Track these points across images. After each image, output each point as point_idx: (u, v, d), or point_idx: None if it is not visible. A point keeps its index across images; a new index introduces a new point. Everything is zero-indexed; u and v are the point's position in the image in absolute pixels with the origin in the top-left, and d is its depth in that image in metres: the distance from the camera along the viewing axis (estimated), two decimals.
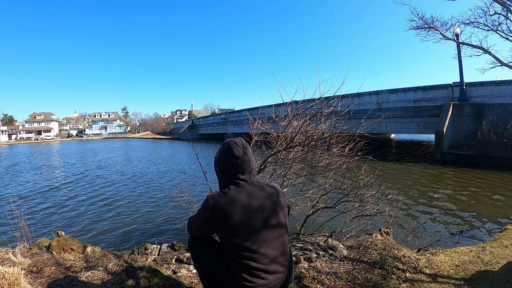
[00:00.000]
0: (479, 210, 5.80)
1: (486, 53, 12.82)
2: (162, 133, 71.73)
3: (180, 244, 3.12)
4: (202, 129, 48.79)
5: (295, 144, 3.12)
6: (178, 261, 2.52)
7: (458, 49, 13.65)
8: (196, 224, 1.43)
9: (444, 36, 13.78)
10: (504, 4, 11.75)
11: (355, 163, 3.52)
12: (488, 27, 12.72)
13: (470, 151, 11.84)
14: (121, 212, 6.97)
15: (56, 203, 8.08)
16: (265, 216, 1.33)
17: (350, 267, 2.37)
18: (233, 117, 37.50)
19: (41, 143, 60.95)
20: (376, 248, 2.76)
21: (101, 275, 2.16)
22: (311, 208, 3.58)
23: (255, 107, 20.33)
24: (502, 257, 2.56)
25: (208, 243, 1.53)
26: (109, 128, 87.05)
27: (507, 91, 12.94)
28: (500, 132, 11.58)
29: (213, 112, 75.63)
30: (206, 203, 1.33)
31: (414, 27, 14.32)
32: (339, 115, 3.25)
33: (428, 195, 7.24)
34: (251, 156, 1.40)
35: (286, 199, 1.50)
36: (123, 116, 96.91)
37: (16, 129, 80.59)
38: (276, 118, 3.47)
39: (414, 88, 16.15)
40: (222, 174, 1.41)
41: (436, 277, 2.18)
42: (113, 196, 8.74)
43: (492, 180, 8.49)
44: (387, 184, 5.76)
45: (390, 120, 16.43)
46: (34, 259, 2.40)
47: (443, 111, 12.87)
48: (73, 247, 2.79)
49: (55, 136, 79.70)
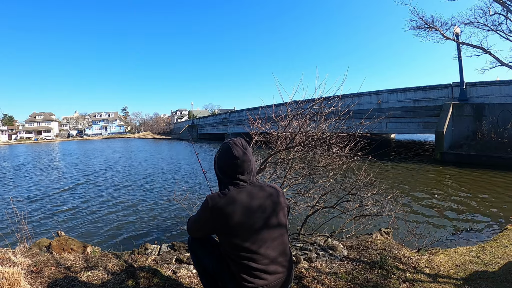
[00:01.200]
0: (479, 210, 5.80)
1: (486, 53, 12.82)
2: (162, 133, 71.71)
3: (180, 244, 3.12)
4: (202, 129, 48.77)
5: (295, 144, 3.11)
6: (178, 261, 2.52)
7: (458, 49, 13.67)
8: (196, 225, 1.43)
9: (444, 36, 13.78)
10: (504, 4, 11.75)
11: (355, 163, 3.52)
12: (488, 27, 12.73)
13: (470, 151, 11.85)
14: (121, 212, 6.97)
15: (56, 203, 8.08)
16: (265, 216, 1.33)
17: (350, 267, 2.37)
18: (233, 117, 37.50)
19: (41, 143, 60.95)
20: (376, 248, 2.76)
21: (101, 275, 2.16)
22: (311, 208, 3.58)
23: (255, 107, 20.32)
24: (502, 257, 2.56)
25: (208, 243, 1.53)
26: (109, 128, 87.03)
27: (507, 91, 12.95)
28: (500, 132, 11.59)
29: (213, 112, 75.59)
30: (206, 204, 1.33)
31: (414, 27, 14.35)
32: (339, 115, 3.25)
33: (428, 195, 7.23)
34: (250, 157, 1.39)
35: (286, 199, 1.50)
36: (123, 116, 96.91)
37: (16, 129, 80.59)
38: (276, 118, 3.47)
39: (414, 88, 16.16)
40: (222, 175, 1.40)
41: (436, 277, 2.18)
42: (113, 196, 8.74)
43: (492, 180, 8.49)
44: (387, 184, 5.77)
45: (390, 120, 16.43)
46: (34, 259, 2.40)
47: (443, 111, 12.87)
48: (73, 247, 2.79)
49: (55, 136, 79.68)
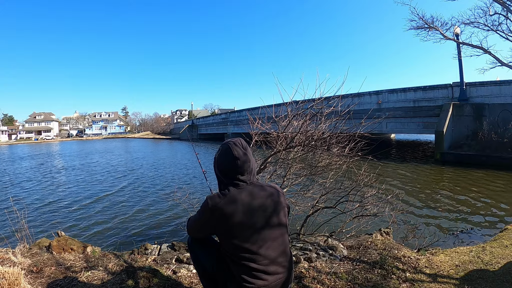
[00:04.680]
0: (479, 210, 5.80)
1: (486, 53, 12.82)
2: (162, 133, 71.68)
3: (180, 244, 3.12)
4: (202, 129, 48.75)
5: (295, 144, 3.11)
6: (178, 261, 2.52)
7: (458, 49, 13.67)
8: (196, 225, 1.43)
9: (444, 36, 13.78)
10: (504, 4, 11.75)
11: (355, 163, 3.52)
12: (488, 27, 12.73)
13: (470, 151, 11.84)
14: (121, 212, 6.97)
15: (56, 203, 8.08)
16: (266, 215, 1.33)
17: (350, 267, 2.37)
18: (233, 117, 37.49)
19: (41, 143, 60.95)
20: (376, 248, 2.76)
21: (101, 275, 2.16)
22: (311, 208, 3.58)
23: (255, 107, 20.34)
24: (502, 257, 2.56)
25: (208, 243, 1.53)
26: (109, 128, 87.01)
27: (507, 91, 12.95)
28: (501, 132, 11.58)
29: (213, 112, 75.55)
30: (206, 205, 1.32)
31: (414, 27, 14.35)
32: (339, 115, 3.24)
33: (428, 195, 7.24)
34: (250, 157, 1.39)
35: (286, 199, 1.50)
36: (123, 116, 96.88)
37: (16, 129, 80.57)
38: (276, 118, 3.47)
39: (414, 88, 16.16)
40: (222, 175, 1.39)
41: (436, 277, 2.18)
42: (113, 196, 8.74)
43: (492, 180, 8.49)
44: (387, 184, 5.78)
45: (390, 120, 16.42)
46: (34, 259, 2.40)
47: (443, 111, 12.87)
48: (73, 247, 2.79)
49: (55, 136, 79.67)
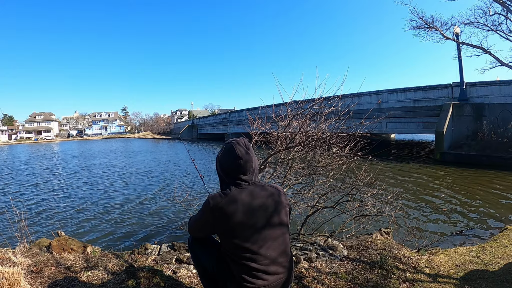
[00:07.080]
0: (479, 210, 5.80)
1: (486, 53, 12.82)
2: (162, 133, 71.63)
3: (180, 244, 3.12)
4: (202, 129, 48.77)
5: (295, 144, 3.11)
6: (178, 261, 2.52)
7: (458, 49, 13.66)
8: (197, 225, 1.43)
9: (444, 36, 13.78)
10: (504, 4, 11.75)
11: (355, 163, 3.52)
12: (488, 27, 12.73)
13: (470, 151, 11.84)
14: (121, 212, 6.96)
15: (56, 203, 8.07)
16: (267, 215, 1.33)
17: (350, 267, 2.37)
18: (233, 117, 37.50)
19: (41, 143, 60.92)
20: (376, 248, 2.76)
21: (101, 275, 2.16)
22: (311, 208, 3.58)
23: (255, 107, 20.30)
24: (502, 257, 2.56)
25: (208, 243, 1.53)
26: (109, 128, 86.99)
27: (507, 91, 12.94)
28: (501, 132, 11.59)
29: (213, 112, 75.52)
30: (207, 204, 1.32)
31: (414, 27, 14.34)
32: (339, 115, 3.25)
33: (428, 195, 7.23)
34: (253, 157, 1.38)
35: (287, 199, 1.49)
36: (123, 116, 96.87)
37: (16, 129, 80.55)
38: (276, 118, 3.46)
39: (414, 88, 16.16)
40: (224, 175, 1.39)
41: (436, 277, 2.18)
42: (113, 196, 8.73)
43: (492, 180, 8.48)
44: (387, 184, 5.78)
45: (390, 120, 16.42)
46: (34, 259, 2.40)
47: (443, 111, 12.87)
48: (73, 247, 2.79)
49: (55, 136, 79.63)
